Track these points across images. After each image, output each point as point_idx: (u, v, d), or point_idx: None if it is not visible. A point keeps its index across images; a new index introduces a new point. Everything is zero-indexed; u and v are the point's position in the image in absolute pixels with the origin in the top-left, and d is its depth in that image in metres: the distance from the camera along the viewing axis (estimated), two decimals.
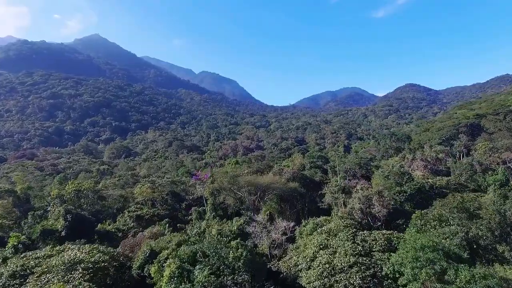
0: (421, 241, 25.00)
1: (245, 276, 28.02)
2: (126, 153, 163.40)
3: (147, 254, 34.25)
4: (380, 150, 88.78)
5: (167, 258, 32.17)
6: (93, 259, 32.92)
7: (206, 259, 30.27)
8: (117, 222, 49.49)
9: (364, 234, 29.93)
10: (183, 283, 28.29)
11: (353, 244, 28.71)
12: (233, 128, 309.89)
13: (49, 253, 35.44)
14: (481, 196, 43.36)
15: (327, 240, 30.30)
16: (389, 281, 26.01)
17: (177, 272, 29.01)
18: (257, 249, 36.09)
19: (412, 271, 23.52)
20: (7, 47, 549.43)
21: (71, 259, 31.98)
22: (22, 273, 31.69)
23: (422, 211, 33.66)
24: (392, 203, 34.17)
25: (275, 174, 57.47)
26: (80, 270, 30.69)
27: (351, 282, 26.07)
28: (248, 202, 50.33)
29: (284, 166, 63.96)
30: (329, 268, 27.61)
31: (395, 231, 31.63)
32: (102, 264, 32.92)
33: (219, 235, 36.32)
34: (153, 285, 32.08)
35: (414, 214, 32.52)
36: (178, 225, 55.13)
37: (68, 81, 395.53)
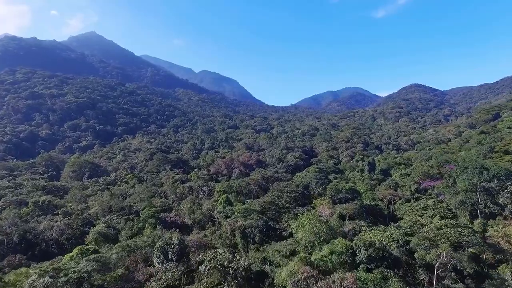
0: None
1: None
2: (91, 171, 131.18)
3: None
4: (459, 194, 55.74)
5: None
6: None
7: None
8: None
9: None
10: None
11: None
12: (231, 132, 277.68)
13: None
14: None
15: None
16: None
17: None
18: None
19: None
20: None
21: None
22: None
23: None
24: None
25: None
26: None
27: None
28: None
29: (317, 260, 30.97)
30: None
31: None
32: None
33: None
34: None
35: None
36: None
37: (53, 79, 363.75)
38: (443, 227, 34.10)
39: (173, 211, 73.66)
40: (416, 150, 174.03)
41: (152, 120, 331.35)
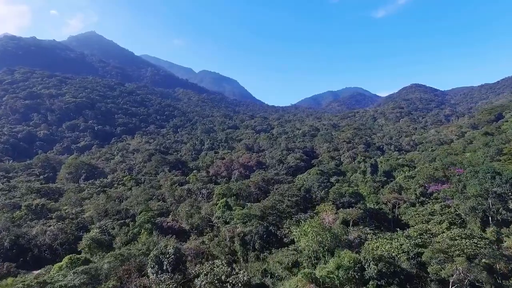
0: None
1: None
2: (88, 172, 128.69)
3: None
4: (469, 199, 52.91)
5: None
6: None
7: None
8: None
9: None
10: None
11: None
12: (231, 133, 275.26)
13: None
14: None
15: None
16: None
17: None
18: None
19: None
20: None
21: None
22: None
23: None
24: None
25: None
26: None
27: None
28: None
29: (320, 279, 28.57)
30: None
31: None
32: None
33: None
34: None
35: None
36: None
37: (52, 79, 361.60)
38: (457, 238, 31.72)
39: (170, 216, 71.25)
40: (419, 151, 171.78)
41: (151, 120, 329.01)
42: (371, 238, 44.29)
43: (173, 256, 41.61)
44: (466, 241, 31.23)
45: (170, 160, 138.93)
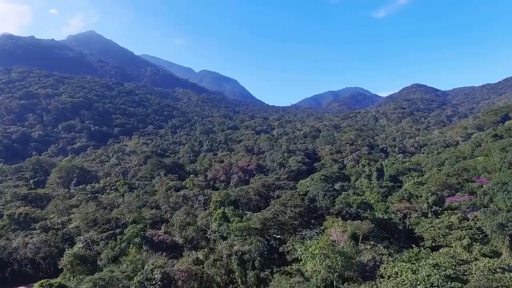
0: None
1: None
2: (80, 176, 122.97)
3: None
4: (496, 215, 46.92)
5: None
6: None
7: None
8: None
9: None
10: None
11: None
12: (230, 133, 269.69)
13: None
14: None
15: None
16: None
17: None
18: None
19: None
20: None
21: None
22: None
23: None
24: None
25: None
26: None
27: None
28: None
29: None
30: None
31: None
32: None
33: None
34: None
35: None
36: None
37: (49, 79, 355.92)
38: (497, 270, 26.48)
39: (162, 227, 65.67)
40: (424, 153, 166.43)
41: (150, 120, 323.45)
42: (387, 260, 38.93)
43: (159, 283, 36.18)
44: (510, 274, 25.97)
45: (167, 163, 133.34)
